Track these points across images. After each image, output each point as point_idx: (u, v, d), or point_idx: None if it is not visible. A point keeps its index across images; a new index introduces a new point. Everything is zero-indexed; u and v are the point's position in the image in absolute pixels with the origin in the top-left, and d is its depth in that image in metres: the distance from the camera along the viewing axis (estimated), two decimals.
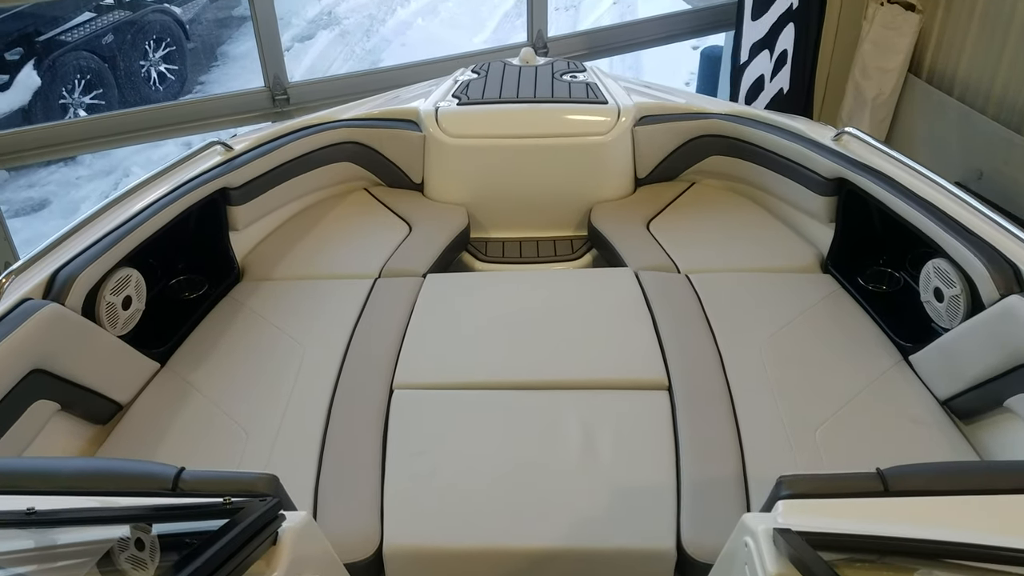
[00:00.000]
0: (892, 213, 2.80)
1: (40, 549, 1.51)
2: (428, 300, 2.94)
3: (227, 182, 3.07)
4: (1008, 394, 2.28)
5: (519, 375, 2.61)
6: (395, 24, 9.37)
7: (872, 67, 5.06)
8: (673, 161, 3.57)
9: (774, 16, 4.84)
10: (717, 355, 2.68)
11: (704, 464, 2.31)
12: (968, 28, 4.58)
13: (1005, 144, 4.34)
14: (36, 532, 1.51)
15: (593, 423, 2.43)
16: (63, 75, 7.26)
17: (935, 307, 2.70)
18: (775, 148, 3.29)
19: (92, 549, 1.49)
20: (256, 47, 4.66)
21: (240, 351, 2.79)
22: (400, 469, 2.33)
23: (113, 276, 2.66)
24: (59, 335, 2.34)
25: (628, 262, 3.15)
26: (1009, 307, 2.27)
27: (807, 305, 2.89)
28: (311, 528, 1.65)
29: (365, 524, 2.18)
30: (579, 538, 2.15)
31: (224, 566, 1.32)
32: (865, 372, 2.61)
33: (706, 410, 2.48)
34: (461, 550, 2.15)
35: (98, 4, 7.86)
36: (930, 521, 1.56)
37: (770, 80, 5.02)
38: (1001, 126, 4.39)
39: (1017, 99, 4.31)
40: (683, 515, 2.18)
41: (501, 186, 3.51)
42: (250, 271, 3.18)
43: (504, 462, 2.34)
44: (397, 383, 2.61)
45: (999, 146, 4.38)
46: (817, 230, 3.22)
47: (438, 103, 3.55)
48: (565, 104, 3.50)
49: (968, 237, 2.49)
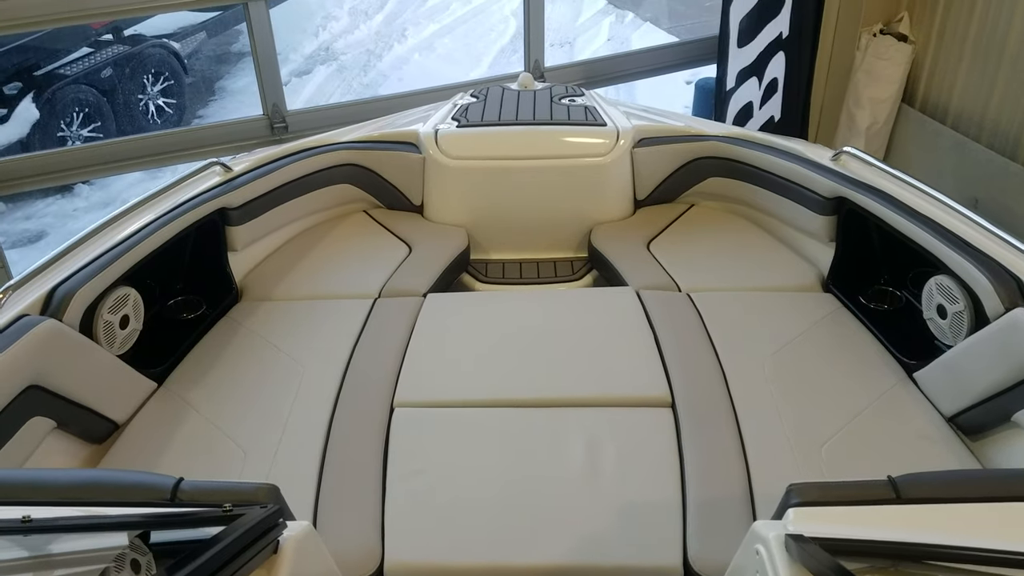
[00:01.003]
0: (893, 231, 2.80)
1: (36, 558, 1.47)
2: (429, 319, 2.93)
3: (226, 202, 3.07)
4: (1016, 408, 2.26)
5: (521, 393, 2.59)
6: (392, 59, 9.44)
7: (865, 97, 5.11)
8: (672, 183, 3.58)
9: (762, 44, 4.88)
10: (720, 372, 2.66)
11: (709, 480, 2.28)
12: (960, 58, 4.63)
13: (1000, 171, 4.37)
14: (32, 540, 1.48)
15: (596, 440, 2.41)
16: (61, 108, 7.28)
17: (938, 324, 2.68)
18: (774, 169, 3.30)
19: (89, 558, 1.46)
20: (254, 80, 4.68)
21: (238, 371, 2.76)
22: (401, 487, 2.30)
23: (111, 294, 2.64)
24: (57, 351, 2.32)
25: (629, 281, 3.14)
26: (1015, 320, 2.26)
27: (809, 323, 2.88)
28: (313, 538, 1.62)
29: (366, 541, 2.15)
30: (584, 555, 2.11)
31: (223, 570, 1.29)
32: (869, 389, 2.59)
33: (710, 427, 2.45)
34: (464, 568, 2.11)
35: (96, 40, 7.91)
36: (942, 528, 1.54)
37: (759, 107, 5.05)
38: (996, 154, 4.42)
39: (1010, 126, 4.35)
40: (689, 531, 2.15)
41: (501, 207, 3.51)
42: (248, 292, 3.16)
43: (507, 479, 2.30)
44: (398, 401, 2.58)
45: (994, 174, 4.41)
46: (817, 250, 3.21)
47: (437, 126, 3.56)
48: (564, 126, 3.52)
49: (971, 252, 2.49)
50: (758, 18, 4.79)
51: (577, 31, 9.79)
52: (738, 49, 4.94)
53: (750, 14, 4.81)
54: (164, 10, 5.29)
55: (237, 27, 9.55)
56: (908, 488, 1.61)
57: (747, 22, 4.84)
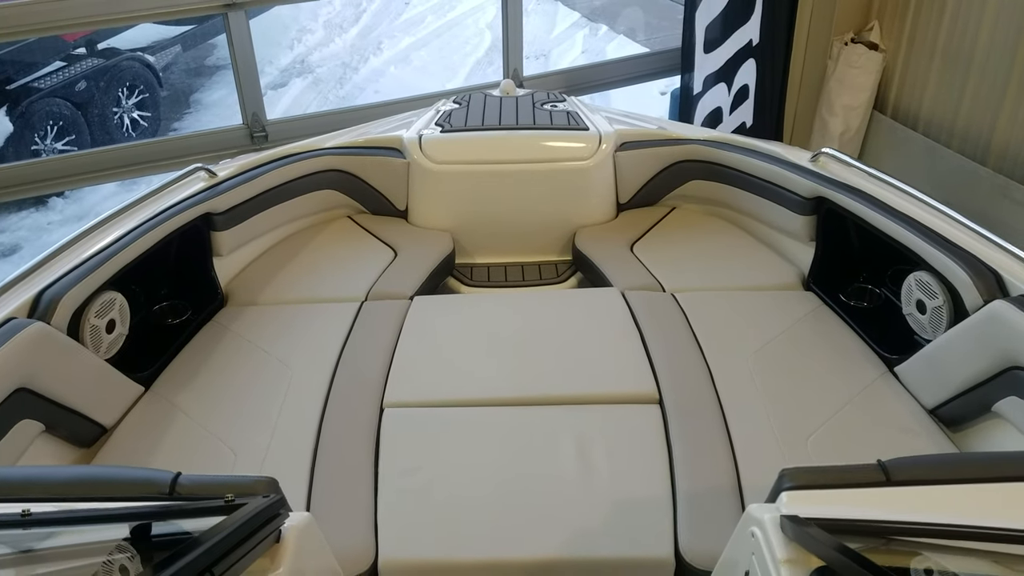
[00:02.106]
0: (872, 228, 2.85)
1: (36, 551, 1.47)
2: (416, 321, 2.94)
3: (211, 207, 3.07)
4: (996, 398, 2.31)
5: (511, 392, 2.61)
6: (368, 72, 9.46)
7: (838, 104, 5.19)
8: (654, 186, 3.62)
9: (730, 50, 4.94)
10: (706, 369, 2.70)
11: (698, 473, 2.31)
12: (930, 66, 4.72)
13: (970, 176, 4.45)
14: (32, 534, 1.48)
15: (586, 437, 2.43)
16: (35, 121, 7.22)
17: (918, 319, 2.74)
18: (753, 171, 3.35)
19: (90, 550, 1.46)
20: (229, 93, 4.69)
21: (226, 374, 2.75)
22: (393, 485, 2.30)
23: (97, 299, 2.63)
24: (45, 354, 2.31)
25: (614, 282, 3.17)
26: (994, 312, 2.31)
27: (791, 321, 2.92)
28: (313, 529, 1.63)
29: (360, 539, 2.15)
30: (576, 549, 2.13)
31: (227, 557, 1.29)
32: (852, 384, 2.64)
33: (698, 421, 2.48)
34: (458, 563, 2.12)
35: (69, 54, 7.87)
36: (931, 507, 1.58)
37: (729, 113, 5.11)
38: (966, 158, 4.50)
39: (980, 132, 4.43)
40: (680, 523, 2.18)
41: (485, 211, 3.53)
42: (234, 297, 3.16)
43: (498, 476, 2.32)
44: (387, 402, 2.59)
45: (965, 178, 4.49)
46: (798, 249, 3.27)
47: (421, 131, 3.59)
48: (547, 131, 3.56)
49: (949, 247, 2.55)
50: (725, 25, 4.86)
51: (552, 43, 9.87)
52: (705, 55, 5.01)
53: (716, 20, 4.87)
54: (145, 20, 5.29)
55: (212, 41, 9.54)
56: (897, 471, 1.65)
57: (714, 28, 4.91)
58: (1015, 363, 2.23)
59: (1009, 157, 4.26)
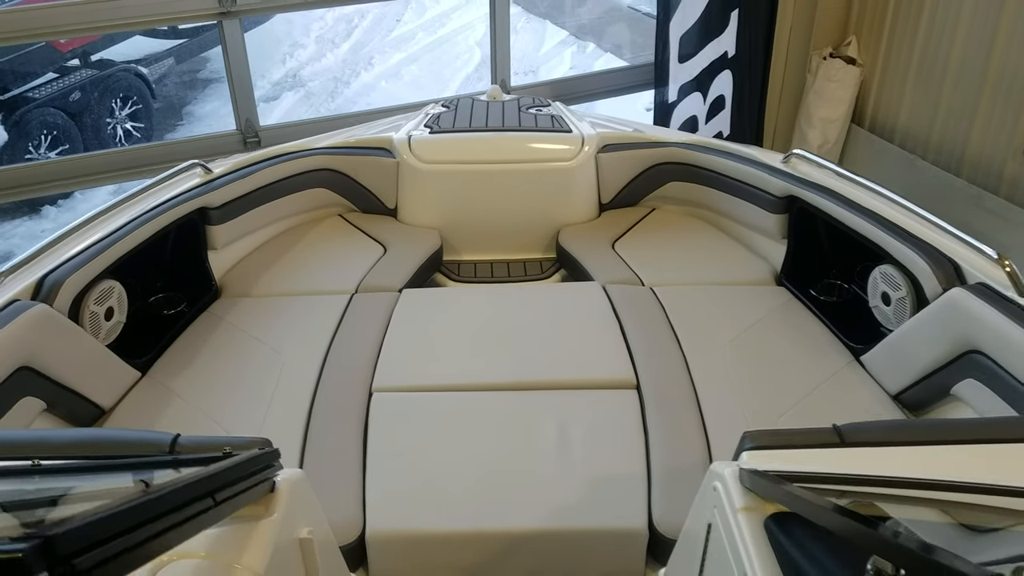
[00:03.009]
0: (840, 225, 2.98)
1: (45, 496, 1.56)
2: (404, 312, 3.05)
3: (207, 201, 3.17)
4: (954, 381, 2.43)
5: (495, 378, 2.71)
6: (359, 86, 9.60)
7: (817, 117, 5.32)
8: (635, 187, 3.75)
9: (705, 61, 5.07)
10: (682, 357, 2.81)
11: (672, 452, 2.42)
12: (906, 80, 4.85)
13: (946, 187, 4.56)
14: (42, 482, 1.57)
15: (566, 419, 2.53)
16: (29, 130, 7.31)
17: (883, 311, 2.87)
18: (729, 172, 3.49)
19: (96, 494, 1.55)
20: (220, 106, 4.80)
21: (220, 360, 2.85)
22: (381, 463, 2.40)
23: (97, 287, 2.73)
24: (47, 334, 2.40)
25: (595, 277, 3.29)
26: (952, 299, 2.44)
27: (763, 313, 3.05)
28: (306, 485, 1.73)
29: (348, 512, 2.25)
30: (555, 520, 2.23)
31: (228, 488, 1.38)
32: (820, 371, 2.76)
33: (673, 405, 2.59)
34: (442, 533, 2.22)
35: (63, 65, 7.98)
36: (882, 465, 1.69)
37: (705, 123, 5.24)
38: (940, 170, 4.62)
39: (954, 144, 4.56)
40: (654, 498, 2.28)
41: (472, 210, 3.65)
42: (228, 289, 3.26)
43: (482, 454, 2.42)
44: (376, 386, 2.69)
45: (940, 189, 4.60)
46: (771, 247, 3.40)
47: (411, 132, 3.71)
48: (532, 132, 3.69)
49: (911, 239, 2.68)
50: (699, 35, 5.00)
51: (540, 60, 10.04)
52: (680, 65, 5.15)
53: (691, 31, 5.01)
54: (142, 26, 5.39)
55: (203, 55, 9.67)
56: (851, 434, 1.76)
57: (688, 39, 5.04)
58: (972, 347, 2.36)
59: (982, 168, 4.40)
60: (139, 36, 8.93)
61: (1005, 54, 4.15)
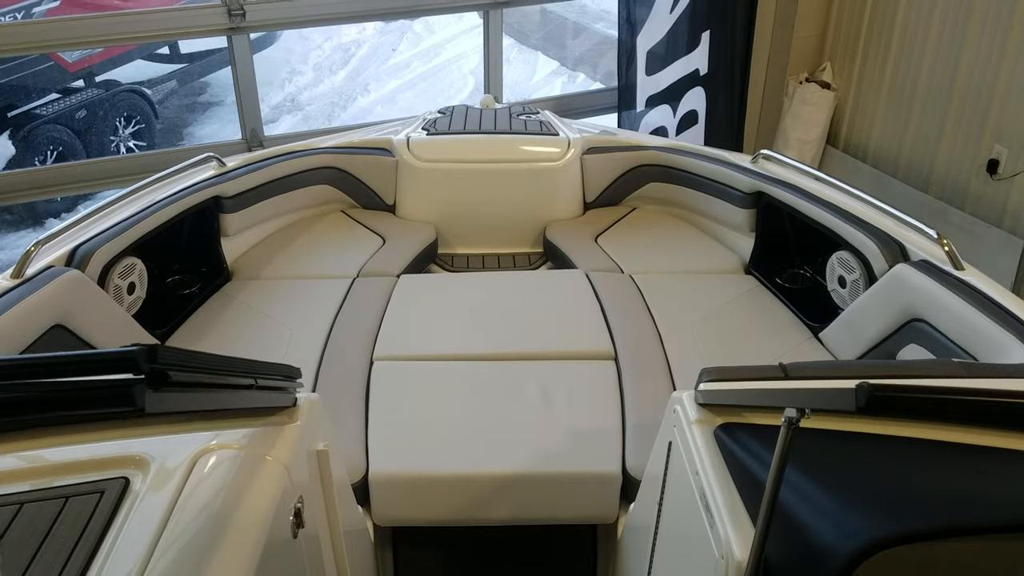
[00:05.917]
0: (802, 216, 3.27)
1: None
2: (403, 294, 3.31)
3: (222, 190, 3.44)
4: (899, 347, 2.70)
5: (485, 348, 2.97)
6: (355, 111, 9.91)
7: (793, 138, 5.62)
8: (617, 187, 4.04)
9: (673, 76, 5.34)
10: (657, 333, 3.08)
11: (645, 412, 2.67)
12: (877, 103, 5.16)
13: (914, 202, 4.85)
14: None
15: (550, 384, 2.79)
16: (36, 145, 7.58)
17: (840, 293, 3.14)
18: (702, 172, 3.79)
19: None
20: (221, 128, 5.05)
21: (232, 332, 3.10)
22: (382, 419, 2.65)
23: (121, 262, 2.98)
24: (79, 298, 2.65)
25: (579, 266, 3.56)
26: (896, 273, 2.72)
27: (732, 297, 3.33)
28: (322, 407, 1.96)
29: (352, 457, 2.49)
30: (539, 465, 2.48)
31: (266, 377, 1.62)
32: (780, 345, 3.03)
33: (647, 373, 2.85)
34: (437, 476, 2.46)
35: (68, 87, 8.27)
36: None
37: (676, 135, 5.49)
38: (910, 187, 4.92)
39: (923, 162, 4.87)
40: (627, 447, 2.54)
41: (465, 206, 3.93)
42: (239, 272, 3.52)
43: (473, 411, 2.67)
44: (377, 355, 2.94)
45: (909, 204, 4.84)
46: (740, 240, 3.68)
47: (409, 134, 4.01)
48: (522, 135, 3.98)
49: (863, 225, 2.97)
50: (668, 50, 5.27)
51: (532, 89, 10.38)
52: (647, 76, 5.42)
53: (659, 46, 5.29)
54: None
55: (204, 79, 9.98)
56: (795, 370, 2.01)
57: (656, 53, 5.32)
58: (914, 315, 2.63)
59: (948, 185, 4.70)
60: (142, 60, 9.26)
61: (968, 80, 4.46)
